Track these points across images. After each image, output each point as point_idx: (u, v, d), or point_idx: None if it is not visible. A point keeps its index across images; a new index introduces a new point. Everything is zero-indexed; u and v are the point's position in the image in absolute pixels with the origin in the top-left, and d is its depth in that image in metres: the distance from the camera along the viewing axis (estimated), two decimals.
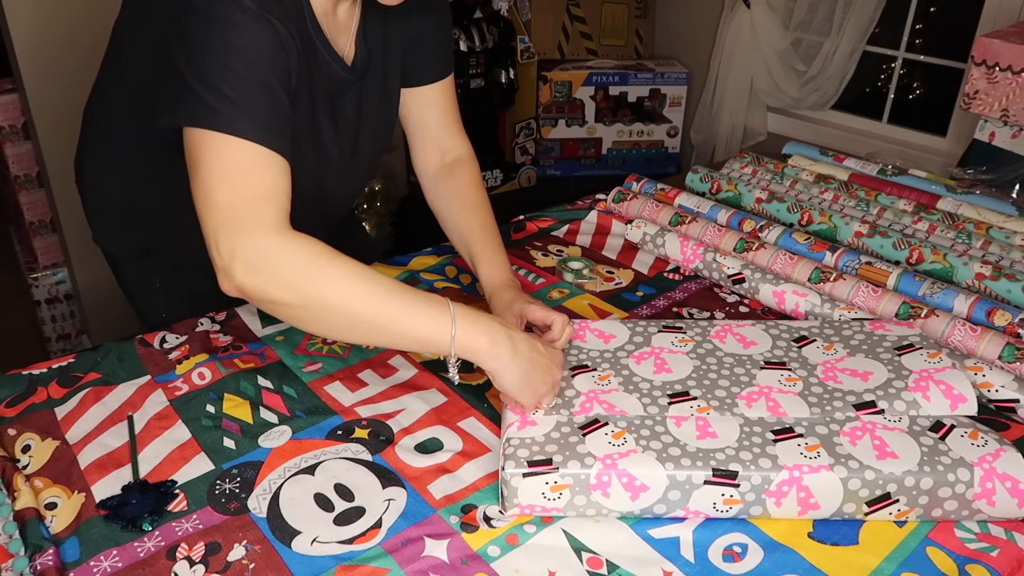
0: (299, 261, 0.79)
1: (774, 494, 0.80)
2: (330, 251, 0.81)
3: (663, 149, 2.70)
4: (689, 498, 0.80)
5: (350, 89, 1.02)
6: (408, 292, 0.83)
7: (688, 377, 0.93)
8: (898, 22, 2.23)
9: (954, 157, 1.88)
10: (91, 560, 0.76)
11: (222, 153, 0.80)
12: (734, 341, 0.99)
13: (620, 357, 0.97)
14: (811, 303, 1.13)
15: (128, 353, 1.05)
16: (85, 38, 2.05)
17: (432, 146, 1.17)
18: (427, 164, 1.18)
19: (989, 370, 0.97)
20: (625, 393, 0.91)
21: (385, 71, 1.07)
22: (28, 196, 2.29)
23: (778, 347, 0.98)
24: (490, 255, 1.09)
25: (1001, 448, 0.82)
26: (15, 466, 0.86)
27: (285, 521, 0.80)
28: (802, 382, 0.92)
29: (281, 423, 0.94)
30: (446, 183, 1.16)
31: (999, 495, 0.80)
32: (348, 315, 0.80)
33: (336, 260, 0.80)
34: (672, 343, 0.99)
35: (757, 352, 0.97)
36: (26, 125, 2.20)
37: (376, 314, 0.80)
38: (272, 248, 0.79)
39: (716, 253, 1.24)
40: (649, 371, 0.94)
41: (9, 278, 2.70)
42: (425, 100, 1.14)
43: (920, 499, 0.80)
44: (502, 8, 2.43)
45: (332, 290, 0.79)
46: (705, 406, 0.88)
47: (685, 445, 0.82)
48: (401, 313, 0.81)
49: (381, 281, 0.81)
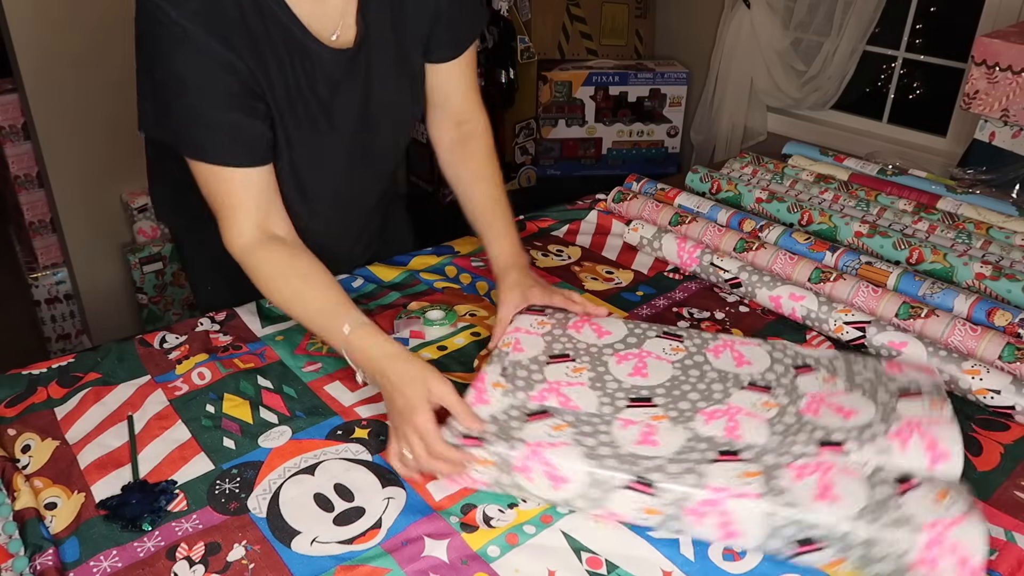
0: (252, 272, 0.98)
1: (693, 512, 0.77)
2: (275, 270, 0.97)
3: (663, 149, 2.70)
4: (609, 499, 0.79)
5: (351, 70, 1.02)
6: (320, 317, 0.95)
7: (660, 385, 0.92)
8: (898, 22, 2.23)
9: (954, 157, 1.88)
10: (91, 560, 0.76)
11: (202, 170, 0.96)
12: (729, 358, 0.96)
13: (605, 354, 0.97)
14: (807, 307, 1.12)
15: (128, 353, 1.05)
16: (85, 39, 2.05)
17: (449, 118, 1.18)
18: (442, 135, 1.19)
19: (987, 373, 0.97)
20: (589, 389, 0.90)
21: (397, 45, 1.07)
22: (28, 196, 2.29)
23: (773, 371, 0.94)
24: (499, 232, 1.12)
25: (965, 515, 0.73)
26: (15, 466, 0.86)
27: (285, 521, 0.80)
28: (778, 409, 0.88)
29: (281, 423, 0.94)
30: (459, 155, 1.18)
31: (942, 569, 0.71)
32: (287, 313, 1.00)
33: (274, 281, 0.97)
34: (663, 350, 0.98)
35: (747, 372, 0.94)
36: (26, 125, 2.20)
37: (304, 324, 0.99)
38: (238, 258, 0.98)
39: (713, 256, 1.23)
40: (625, 372, 0.94)
41: (9, 278, 2.70)
42: (446, 75, 1.15)
43: (854, 551, 0.73)
44: (502, 8, 2.43)
45: (272, 300, 1.00)
46: (661, 415, 0.87)
47: (619, 448, 0.81)
48: (316, 331, 0.98)
49: (302, 302, 0.96)
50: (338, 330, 0.92)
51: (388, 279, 1.25)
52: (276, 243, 0.98)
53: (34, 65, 2.02)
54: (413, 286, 1.24)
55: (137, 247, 2.30)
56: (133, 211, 2.27)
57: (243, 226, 0.97)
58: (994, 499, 0.85)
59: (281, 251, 0.98)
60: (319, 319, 0.95)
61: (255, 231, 0.97)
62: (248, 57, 0.92)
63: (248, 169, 0.96)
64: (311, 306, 0.95)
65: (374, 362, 0.89)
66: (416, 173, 2.73)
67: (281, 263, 0.97)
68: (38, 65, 2.02)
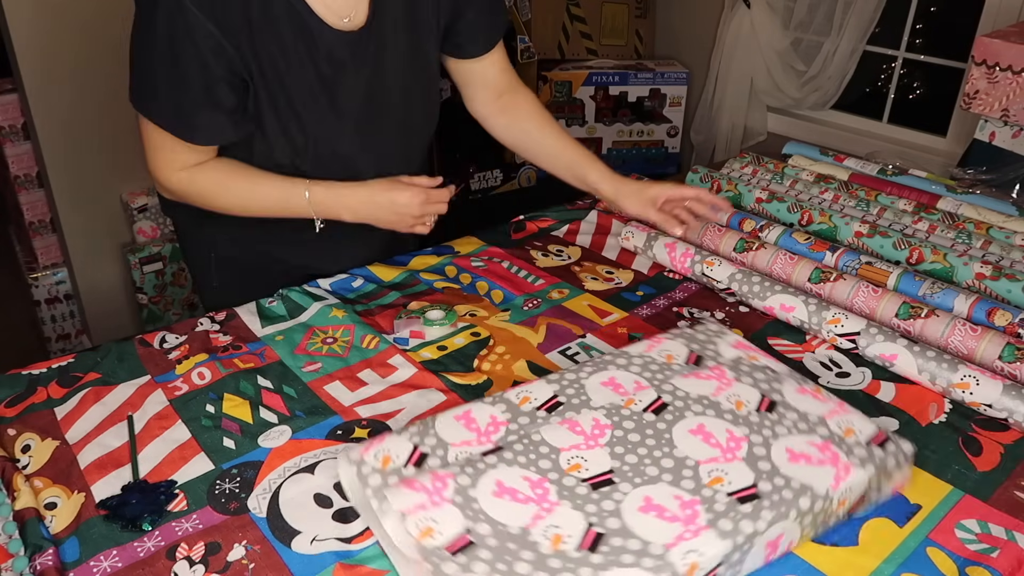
0: (197, 189, 1.10)
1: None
2: (217, 176, 1.09)
3: (663, 149, 2.70)
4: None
5: (360, 52, 1.04)
6: (276, 195, 1.10)
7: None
8: (898, 22, 2.23)
9: (954, 157, 1.88)
10: (91, 560, 0.76)
11: (156, 132, 1.04)
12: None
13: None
14: (799, 318, 1.12)
15: (128, 353, 1.05)
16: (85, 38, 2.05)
17: (489, 93, 1.27)
18: (485, 106, 1.28)
19: (976, 385, 0.96)
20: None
21: (408, 28, 1.09)
22: (28, 196, 2.29)
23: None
24: (591, 161, 1.25)
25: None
26: (15, 466, 0.86)
27: (285, 521, 0.80)
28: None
29: (281, 423, 0.94)
30: (510, 115, 1.27)
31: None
32: (243, 211, 1.13)
33: (220, 185, 1.09)
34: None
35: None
36: (26, 125, 2.20)
37: (261, 212, 1.13)
38: (175, 188, 1.11)
39: (703, 265, 1.22)
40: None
41: (9, 278, 2.70)
42: (479, 68, 1.23)
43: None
44: None
45: (226, 205, 1.12)
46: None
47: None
48: (278, 212, 1.12)
49: (253, 192, 1.10)
50: (300, 197, 1.08)
51: (388, 279, 1.25)
52: (207, 162, 1.08)
53: (34, 65, 2.02)
54: (413, 286, 1.24)
55: (137, 247, 2.30)
56: (133, 211, 2.27)
57: (176, 169, 1.07)
58: (994, 499, 0.85)
59: (214, 163, 1.08)
60: (276, 198, 1.09)
61: (183, 168, 1.07)
62: (237, 39, 0.95)
63: (201, 148, 1.06)
64: (263, 191, 1.09)
65: (344, 201, 1.11)
66: None
67: (219, 169, 1.08)
68: (38, 65, 2.02)
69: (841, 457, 0.80)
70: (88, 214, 2.24)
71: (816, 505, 0.76)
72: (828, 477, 0.78)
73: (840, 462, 0.80)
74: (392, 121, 1.15)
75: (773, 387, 0.90)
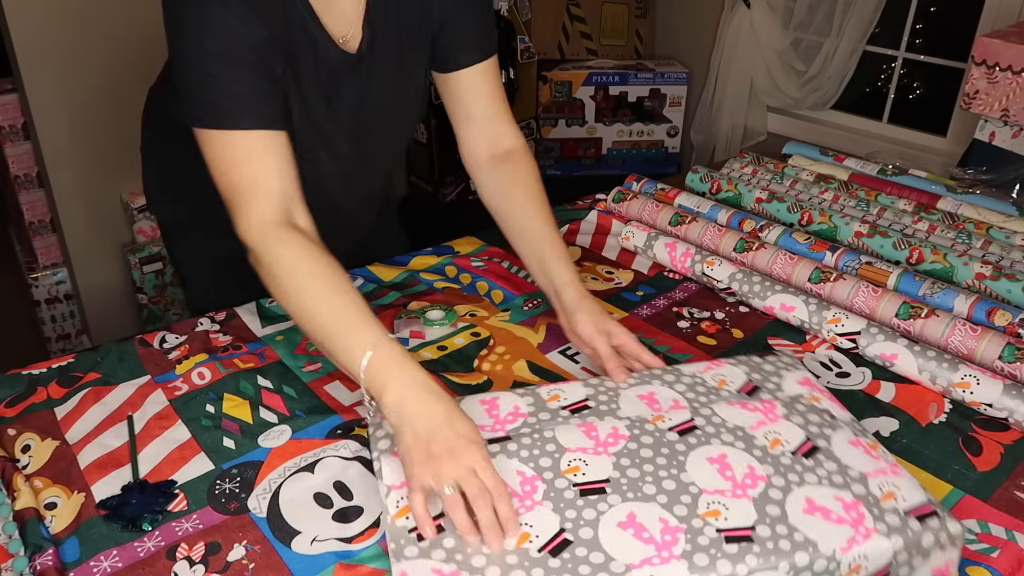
0: (265, 265, 0.88)
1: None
2: (295, 258, 0.87)
3: (663, 149, 2.70)
4: None
5: (353, 73, 1.03)
6: (343, 321, 0.84)
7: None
8: (898, 22, 2.23)
9: (954, 157, 1.88)
10: (91, 560, 0.76)
11: (218, 144, 0.90)
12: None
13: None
14: (799, 318, 1.12)
15: (128, 353, 1.05)
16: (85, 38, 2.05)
17: (479, 136, 1.12)
18: (476, 155, 1.13)
19: (977, 385, 0.96)
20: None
21: (401, 55, 1.06)
22: (28, 196, 2.29)
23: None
24: (558, 261, 1.03)
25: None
26: (15, 466, 0.86)
27: (285, 521, 0.80)
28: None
29: (281, 423, 0.94)
30: (501, 177, 1.11)
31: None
32: (297, 320, 0.88)
33: (294, 273, 0.86)
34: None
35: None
36: (26, 125, 2.20)
37: (311, 330, 0.87)
38: (254, 245, 0.89)
39: (704, 264, 1.23)
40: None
41: (9, 278, 2.70)
42: (464, 86, 1.10)
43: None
44: (502, 8, 2.43)
45: (283, 300, 0.88)
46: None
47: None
48: (328, 342, 0.85)
49: (320, 302, 0.85)
50: (360, 348, 0.81)
51: (388, 279, 1.25)
52: (301, 232, 0.89)
53: (34, 65, 2.02)
54: (413, 286, 1.24)
55: (137, 247, 2.30)
56: (133, 211, 2.27)
57: (266, 206, 0.88)
58: (994, 499, 0.85)
59: (306, 240, 0.88)
60: (336, 329, 0.84)
61: (279, 213, 0.89)
62: (275, 42, 0.92)
63: (269, 133, 0.90)
64: (332, 311, 0.84)
65: (410, 386, 0.79)
66: (416, 173, 2.73)
67: (306, 252, 0.87)
68: (38, 65, 2.02)
69: (867, 520, 0.74)
70: (88, 214, 2.24)
71: (816, 564, 0.70)
72: (841, 538, 0.72)
73: (863, 525, 0.73)
74: (377, 141, 1.13)
75: (823, 432, 0.84)
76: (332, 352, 0.85)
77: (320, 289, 0.85)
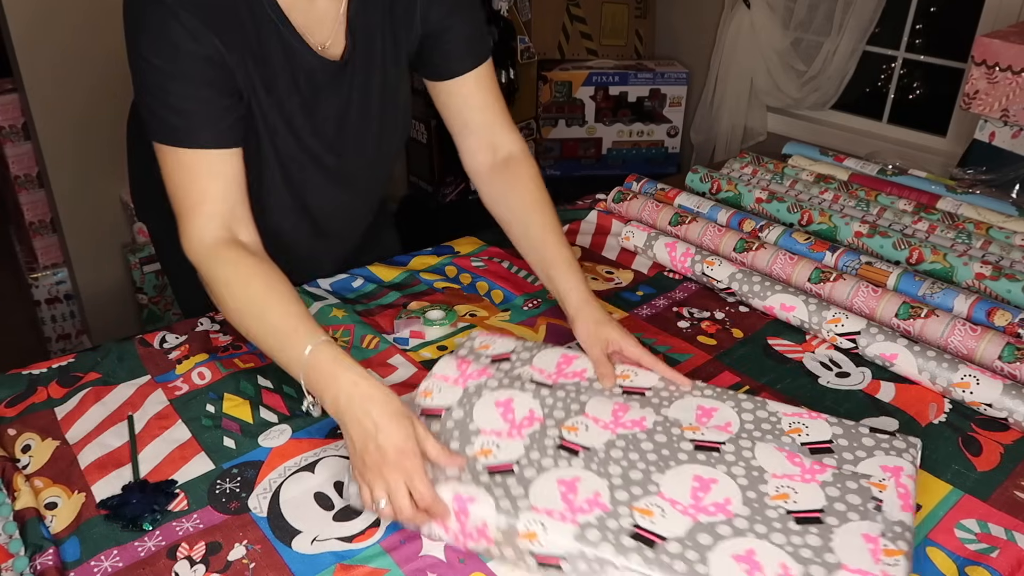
0: (208, 283, 0.92)
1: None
2: (232, 275, 0.90)
3: (663, 149, 2.70)
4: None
5: (336, 81, 1.01)
6: (280, 332, 0.86)
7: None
8: (898, 22, 2.23)
9: (954, 157, 1.88)
10: (92, 560, 0.76)
11: (169, 159, 0.92)
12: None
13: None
14: (799, 318, 1.12)
15: (128, 353, 1.05)
16: (85, 38, 2.05)
17: (479, 144, 1.11)
18: (477, 163, 1.12)
19: (976, 384, 0.96)
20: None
21: (384, 63, 1.04)
22: (28, 196, 2.29)
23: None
24: (564, 267, 1.03)
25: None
26: (15, 466, 0.86)
27: (285, 520, 0.80)
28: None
29: (281, 422, 0.94)
30: (502, 184, 1.10)
31: None
32: (242, 331, 0.91)
33: (231, 290, 0.89)
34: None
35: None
36: (26, 125, 2.21)
37: (254, 339, 0.89)
38: (196, 263, 0.93)
39: (704, 264, 1.23)
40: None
41: (9, 278, 2.70)
42: (460, 95, 1.09)
43: None
44: (502, 8, 2.43)
45: (227, 316, 0.92)
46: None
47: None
48: (272, 353, 0.88)
49: (259, 310, 0.87)
50: (298, 350, 0.83)
51: (388, 279, 1.25)
52: (240, 248, 0.91)
53: (34, 65, 2.02)
54: (413, 286, 1.24)
55: (137, 247, 2.30)
56: (133, 211, 2.27)
57: (206, 224, 0.91)
58: (994, 499, 0.85)
59: (243, 255, 0.90)
60: (275, 335, 0.86)
61: (219, 231, 0.91)
62: (236, 55, 0.91)
63: (218, 152, 0.91)
64: (269, 319, 0.86)
65: (343, 390, 0.80)
66: (416, 173, 2.73)
67: (241, 266, 0.90)
68: (38, 65, 2.02)
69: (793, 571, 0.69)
70: (88, 214, 2.24)
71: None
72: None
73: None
74: (363, 152, 1.11)
75: (846, 515, 0.75)
76: (279, 363, 0.87)
77: (256, 303, 0.88)
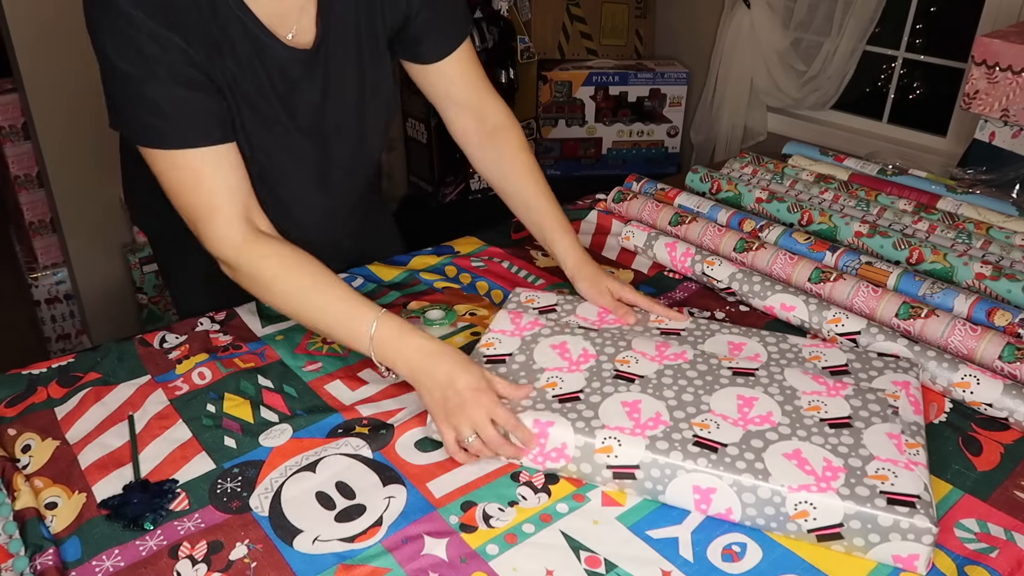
0: (248, 276, 0.94)
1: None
2: (277, 265, 0.92)
3: (663, 149, 2.70)
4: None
5: (309, 71, 1.00)
6: (339, 311, 0.91)
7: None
8: (898, 22, 2.24)
9: (954, 157, 1.88)
10: (93, 559, 0.76)
11: (165, 164, 0.91)
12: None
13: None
14: (799, 318, 1.12)
15: (128, 353, 1.05)
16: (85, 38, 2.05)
17: (465, 114, 1.15)
18: (466, 133, 1.16)
19: (977, 384, 0.96)
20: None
21: (360, 50, 1.04)
22: (28, 196, 2.29)
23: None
24: (558, 228, 1.12)
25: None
26: (15, 466, 0.86)
27: (287, 520, 0.81)
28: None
29: (282, 422, 0.94)
30: (493, 151, 1.15)
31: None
32: (296, 318, 0.96)
33: (278, 279, 0.92)
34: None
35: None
36: (26, 125, 2.21)
37: (313, 324, 0.94)
38: (229, 261, 0.94)
39: (704, 264, 1.23)
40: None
41: (9, 278, 2.70)
42: (444, 75, 1.11)
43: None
44: (502, 8, 2.43)
45: (277, 304, 0.95)
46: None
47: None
48: (331, 333, 0.94)
49: (314, 298, 0.92)
50: (363, 329, 0.89)
51: (388, 279, 1.25)
52: (267, 239, 0.93)
53: (34, 65, 2.02)
54: (413, 286, 1.24)
55: (137, 247, 2.31)
56: None
57: (229, 227, 0.92)
58: (994, 499, 0.85)
59: (276, 246, 0.93)
60: (336, 318, 0.91)
61: (243, 229, 0.92)
62: (203, 53, 0.90)
63: (212, 148, 0.91)
64: (326, 306, 0.91)
65: (414, 356, 0.89)
66: (416, 173, 2.73)
67: (282, 258, 0.92)
68: (38, 65, 2.02)
69: (834, 481, 0.78)
70: (88, 214, 2.24)
71: (760, 490, 0.78)
72: (794, 480, 0.78)
73: (826, 483, 0.78)
74: (347, 142, 1.10)
75: (870, 419, 0.86)
76: (339, 341, 0.95)
77: (308, 292, 0.92)
